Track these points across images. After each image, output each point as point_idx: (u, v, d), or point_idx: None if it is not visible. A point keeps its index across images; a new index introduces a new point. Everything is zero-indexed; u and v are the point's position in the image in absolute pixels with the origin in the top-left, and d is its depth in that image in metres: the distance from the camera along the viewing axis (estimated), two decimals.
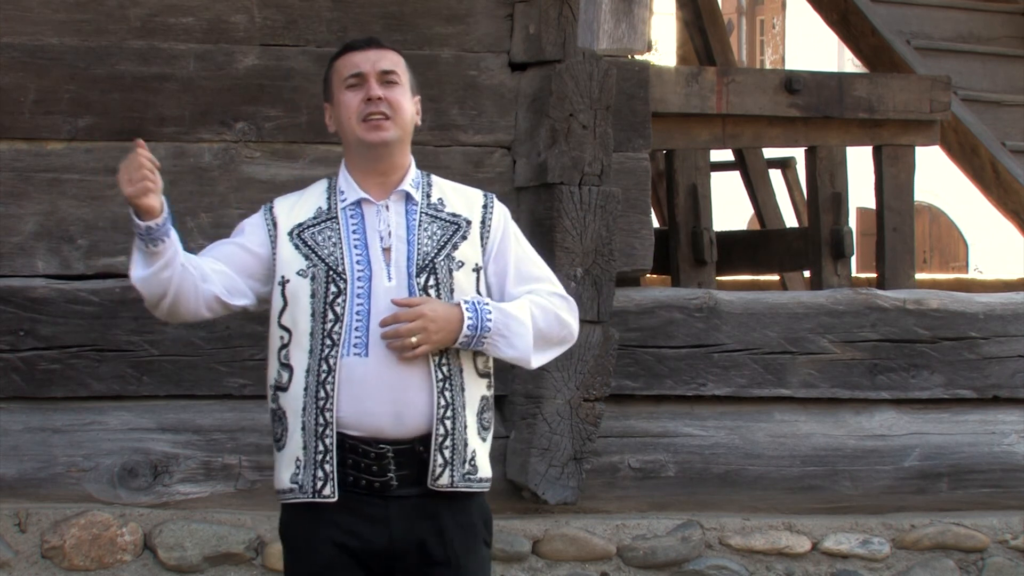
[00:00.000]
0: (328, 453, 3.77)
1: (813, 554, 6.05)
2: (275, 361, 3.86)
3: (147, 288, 3.80)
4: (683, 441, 6.03)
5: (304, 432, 3.79)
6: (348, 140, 3.89)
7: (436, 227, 3.87)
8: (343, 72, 3.89)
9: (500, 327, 3.82)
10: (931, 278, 10.17)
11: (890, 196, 6.68)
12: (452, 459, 3.80)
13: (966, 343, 6.29)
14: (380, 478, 3.78)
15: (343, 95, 3.88)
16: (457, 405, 3.81)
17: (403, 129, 3.88)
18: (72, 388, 5.49)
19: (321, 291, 3.80)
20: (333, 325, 3.78)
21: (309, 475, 3.78)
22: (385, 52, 3.92)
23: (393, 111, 3.86)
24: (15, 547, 5.43)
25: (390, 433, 3.77)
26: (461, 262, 3.86)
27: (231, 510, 5.58)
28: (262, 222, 3.91)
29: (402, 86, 3.90)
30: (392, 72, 3.89)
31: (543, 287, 3.95)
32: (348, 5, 5.64)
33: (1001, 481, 6.33)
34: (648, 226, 5.90)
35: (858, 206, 10.95)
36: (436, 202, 3.91)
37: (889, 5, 7.34)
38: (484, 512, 3.91)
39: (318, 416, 3.77)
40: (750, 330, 6.07)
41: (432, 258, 3.83)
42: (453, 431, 3.80)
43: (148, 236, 3.73)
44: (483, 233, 3.91)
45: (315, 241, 3.84)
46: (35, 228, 5.47)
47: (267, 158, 5.60)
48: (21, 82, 5.44)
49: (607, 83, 5.65)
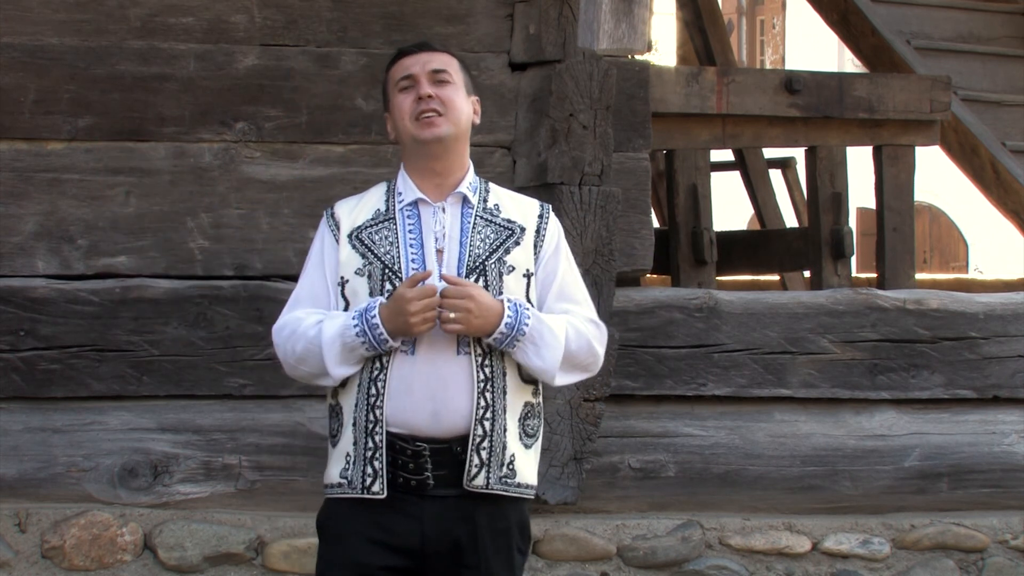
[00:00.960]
0: (378, 450, 3.78)
1: (813, 554, 6.05)
2: None
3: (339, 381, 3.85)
4: (683, 441, 6.03)
5: (355, 428, 3.81)
6: (404, 141, 3.91)
7: (490, 231, 3.89)
8: (395, 76, 3.92)
9: (535, 334, 3.84)
10: (931, 278, 10.18)
11: (890, 196, 6.68)
12: (489, 460, 3.80)
13: (966, 343, 6.29)
14: (417, 476, 3.79)
15: (396, 98, 3.90)
16: (498, 408, 3.82)
17: (457, 126, 3.88)
18: (72, 388, 5.49)
19: (377, 289, 3.83)
20: None
21: (359, 471, 3.80)
22: (436, 53, 3.93)
23: (445, 108, 3.86)
24: (15, 547, 5.43)
25: (426, 431, 3.79)
26: (512, 267, 3.88)
27: (231, 510, 5.58)
28: (326, 229, 3.94)
29: (455, 84, 3.90)
30: (443, 71, 3.90)
31: (581, 311, 3.98)
32: (348, 5, 5.64)
33: (1001, 481, 6.33)
34: (648, 226, 5.90)
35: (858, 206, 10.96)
36: (492, 207, 3.93)
37: (889, 5, 7.34)
38: (521, 519, 3.90)
39: (368, 413, 3.80)
40: (750, 330, 6.07)
41: (483, 260, 3.85)
42: (492, 433, 3.81)
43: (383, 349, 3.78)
44: (537, 241, 3.94)
45: (372, 241, 3.87)
46: (35, 228, 5.47)
47: (267, 158, 5.59)
48: (21, 82, 5.44)
49: (607, 83, 5.65)
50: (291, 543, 5.56)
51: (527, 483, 3.88)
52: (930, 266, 24.67)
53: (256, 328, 5.47)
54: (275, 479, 5.60)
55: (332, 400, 3.91)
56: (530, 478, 3.88)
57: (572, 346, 3.91)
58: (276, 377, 5.35)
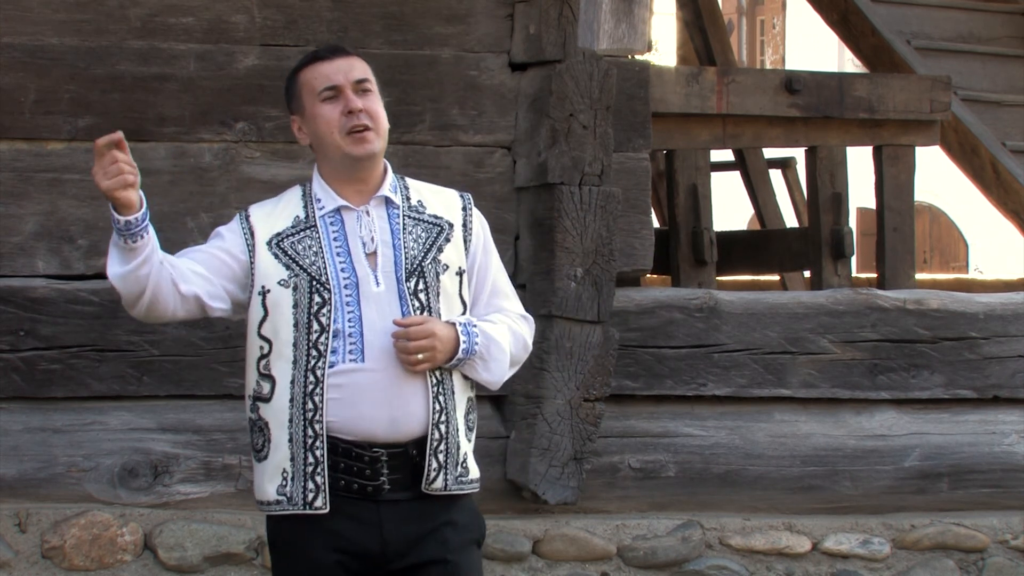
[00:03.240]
0: (319, 465, 3.75)
1: (813, 554, 6.05)
2: (254, 371, 3.84)
3: (125, 286, 3.74)
4: (683, 441, 6.03)
5: (292, 444, 3.77)
6: (329, 154, 3.85)
7: (420, 230, 3.86)
8: (315, 85, 3.84)
9: (483, 351, 3.84)
10: (931, 278, 10.18)
11: (890, 196, 6.68)
12: (446, 463, 3.80)
13: (966, 343, 6.29)
14: (373, 482, 3.77)
15: (319, 108, 3.83)
16: (449, 409, 3.82)
17: (384, 138, 3.86)
18: (72, 388, 5.49)
19: (304, 301, 3.77)
20: (319, 336, 3.76)
21: (299, 487, 3.76)
22: (354, 60, 3.88)
23: (373, 121, 3.83)
24: (15, 547, 5.43)
25: (383, 437, 3.76)
26: (446, 265, 3.85)
27: (231, 510, 5.58)
28: (239, 230, 3.87)
29: (375, 93, 3.87)
30: (365, 80, 3.85)
31: (511, 305, 3.99)
32: (348, 5, 5.64)
33: (1001, 481, 6.33)
34: (648, 226, 5.90)
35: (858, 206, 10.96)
36: (416, 204, 3.90)
37: (889, 5, 7.33)
38: (475, 513, 3.91)
39: (307, 428, 3.75)
40: (750, 330, 6.07)
41: (420, 261, 3.82)
42: (447, 435, 3.81)
43: (127, 231, 3.66)
44: (465, 236, 3.91)
45: (295, 250, 3.81)
46: (35, 228, 5.47)
47: (267, 158, 5.60)
48: (21, 82, 5.44)
49: (607, 83, 5.65)
50: None
51: (477, 477, 3.90)
52: (930, 266, 24.67)
53: None
54: None
55: (253, 415, 3.84)
56: (476, 471, 3.90)
57: (513, 350, 3.93)
58: None
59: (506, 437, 5.74)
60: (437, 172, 5.60)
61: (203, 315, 3.88)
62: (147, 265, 3.72)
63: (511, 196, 5.75)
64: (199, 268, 3.83)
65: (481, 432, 5.64)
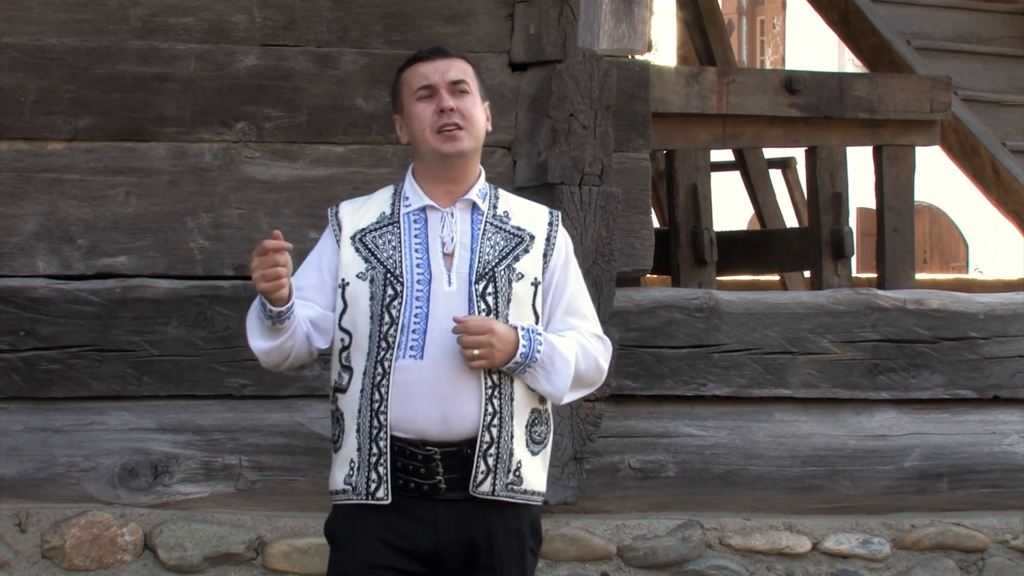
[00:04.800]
0: (382, 455, 3.78)
1: (813, 554, 6.05)
2: (337, 363, 3.89)
3: (269, 358, 3.87)
4: (683, 441, 6.03)
5: (359, 434, 3.80)
6: (422, 151, 3.89)
7: (500, 238, 3.89)
8: (412, 84, 3.89)
9: (546, 360, 3.85)
10: (931, 278, 10.18)
11: (890, 196, 6.68)
12: (496, 467, 3.80)
13: (966, 343, 6.29)
14: (428, 481, 3.78)
15: (415, 107, 3.88)
16: (504, 414, 3.82)
17: (476, 138, 3.89)
18: (72, 388, 5.49)
19: (379, 294, 3.82)
20: (389, 328, 3.80)
21: (363, 477, 3.79)
22: (453, 61, 3.91)
23: (466, 121, 3.86)
24: (15, 547, 5.43)
25: (435, 436, 3.78)
26: (521, 274, 3.87)
27: (231, 510, 5.58)
28: (330, 229, 3.93)
29: (472, 95, 3.89)
30: (462, 81, 3.88)
31: (587, 326, 3.99)
32: (348, 5, 5.64)
33: (1001, 481, 6.33)
34: (648, 226, 5.90)
35: (858, 206, 10.96)
36: (502, 214, 3.93)
37: (889, 5, 7.34)
38: (533, 521, 3.90)
39: (372, 419, 3.79)
40: (750, 330, 6.07)
41: (493, 267, 3.85)
42: (499, 440, 3.81)
43: (277, 319, 3.77)
44: (546, 250, 3.94)
45: (375, 245, 3.86)
46: (35, 228, 5.47)
47: (267, 158, 5.60)
48: (21, 82, 5.44)
49: (607, 83, 5.65)
50: (291, 543, 5.56)
51: (534, 490, 3.87)
52: (930, 266, 24.67)
53: None
54: (275, 479, 5.60)
55: (333, 405, 3.90)
56: (537, 485, 3.88)
57: (581, 367, 3.92)
58: (276, 377, 5.35)
59: None
60: None
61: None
62: (292, 339, 3.84)
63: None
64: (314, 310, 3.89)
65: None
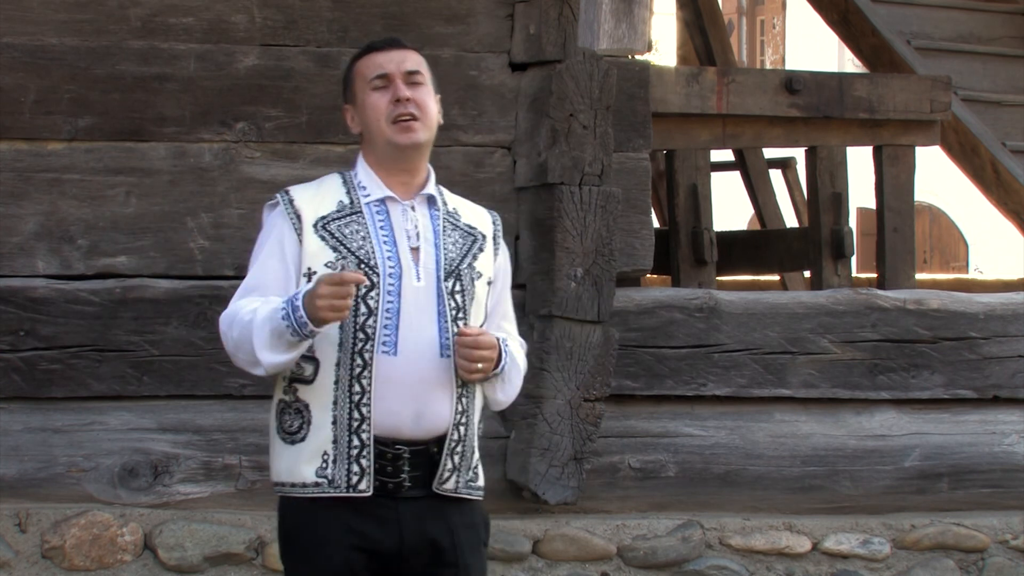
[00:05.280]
0: (365, 448, 3.75)
1: (813, 554, 6.05)
2: None
3: (276, 370, 3.79)
4: (683, 441, 6.03)
5: (335, 426, 3.77)
6: (376, 141, 3.87)
7: (458, 235, 3.89)
8: (367, 73, 3.88)
9: (506, 372, 3.88)
10: (931, 278, 10.18)
11: (890, 196, 6.68)
12: (460, 465, 3.81)
13: (966, 343, 6.29)
14: (394, 479, 3.77)
15: (369, 96, 3.86)
16: (470, 412, 3.84)
17: (431, 130, 3.88)
18: (72, 388, 5.49)
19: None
20: (367, 319, 3.76)
21: (342, 469, 3.75)
22: (408, 52, 3.90)
23: (421, 112, 3.85)
24: (15, 547, 5.43)
25: (407, 434, 3.77)
26: (480, 273, 3.88)
27: (231, 510, 5.58)
28: (284, 217, 3.85)
29: (426, 86, 3.89)
30: (417, 72, 3.88)
31: (514, 330, 4.02)
32: (348, 5, 5.64)
33: (1001, 481, 6.33)
34: (648, 226, 5.90)
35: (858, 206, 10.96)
36: (453, 211, 3.93)
37: (889, 5, 7.33)
38: (484, 516, 3.93)
39: (352, 411, 3.76)
40: (750, 330, 6.07)
41: (458, 264, 3.85)
42: (465, 438, 3.82)
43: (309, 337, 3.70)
44: (495, 250, 3.95)
45: (342, 233, 3.81)
46: (35, 228, 5.47)
47: (267, 158, 5.60)
48: (21, 82, 5.44)
49: (607, 83, 5.65)
50: None
51: (483, 486, 3.92)
52: (930, 266, 24.66)
53: None
54: None
55: (287, 396, 3.82)
56: (483, 480, 3.92)
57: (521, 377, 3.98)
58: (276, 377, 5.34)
59: (506, 437, 5.74)
60: (437, 172, 5.56)
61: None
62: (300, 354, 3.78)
63: (511, 196, 5.75)
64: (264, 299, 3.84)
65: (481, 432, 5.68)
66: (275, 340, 3.72)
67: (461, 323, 3.81)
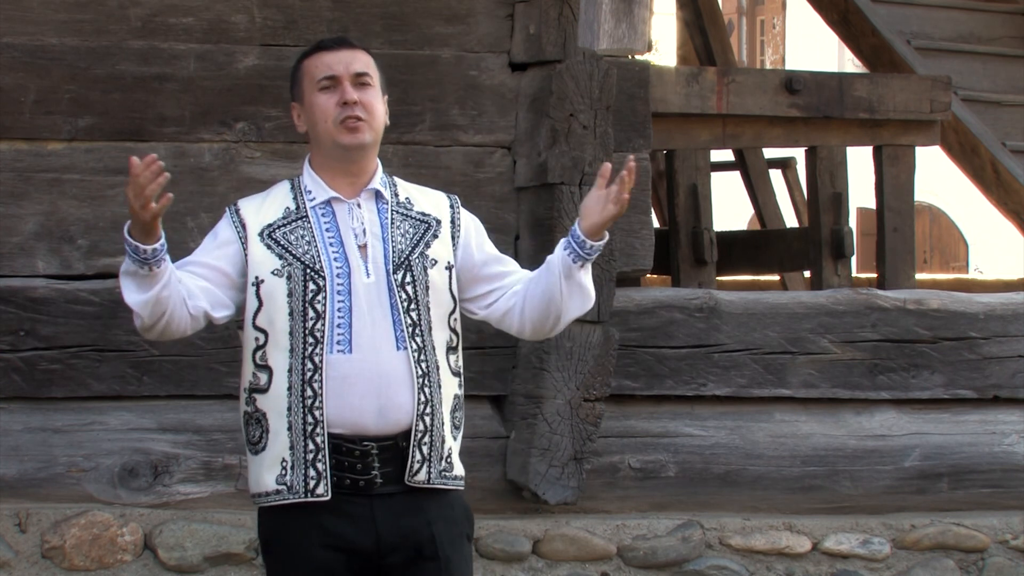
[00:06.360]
0: (320, 452, 3.75)
1: (813, 554, 6.05)
2: (250, 364, 3.84)
3: (146, 311, 3.77)
4: (683, 441, 6.03)
5: (291, 432, 3.77)
6: (322, 142, 3.88)
7: (408, 225, 3.89)
8: (315, 74, 3.88)
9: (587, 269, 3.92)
10: (931, 278, 10.18)
11: (890, 196, 6.68)
12: (430, 456, 3.80)
13: (966, 343, 6.29)
14: (364, 476, 3.77)
15: (316, 97, 3.87)
16: (435, 402, 3.82)
17: (377, 131, 3.88)
18: (72, 388, 5.49)
19: (299, 289, 3.79)
20: (315, 323, 3.77)
21: (299, 475, 3.76)
22: (357, 53, 3.90)
23: (368, 114, 3.85)
24: (15, 547, 5.43)
25: (373, 430, 3.77)
26: (435, 260, 3.88)
27: (231, 510, 5.58)
28: (230, 225, 3.90)
29: (374, 88, 3.89)
30: (365, 74, 3.88)
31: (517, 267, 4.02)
32: (348, 5, 5.64)
33: (1001, 481, 6.33)
34: (648, 226, 5.90)
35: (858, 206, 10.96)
36: (404, 201, 3.93)
37: (889, 5, 7.33)
38: (465, 507, 3.92)
39: (306, 415, 3.76)
40: (750, 330, 6.07)
41: (407, 255, 3.85)
42: (431, 428, 3.81)
43: (152, 258, 3.72)
44: (454, 233, 3.94)
45: (288, 240, 3.83)
46: (35, 228, 5.47)
47: (267, 158, 5.60)
48: (21, 82, 5.44)
49: (607, 83, 5.65)
50: None
51: (462, 475, 3.90)
52: (930, 266, 24.66)
53: None
54: None
55: (249, 407, 3.84)
56: (461, 470, 3.91)
57: None
58: None
59: (506, 437, 5.75)
60: (437, 172, 5.61)
61: (209, 324, 3.90)
62: (167, 288, 3.76)
63: (511, 196, 5.75)
64: (201, 281, 3.86)
65: (481, 432, 5.68)
66: (128, 281, 3.76)
67: (414, 314, 3.81)
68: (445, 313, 3.88)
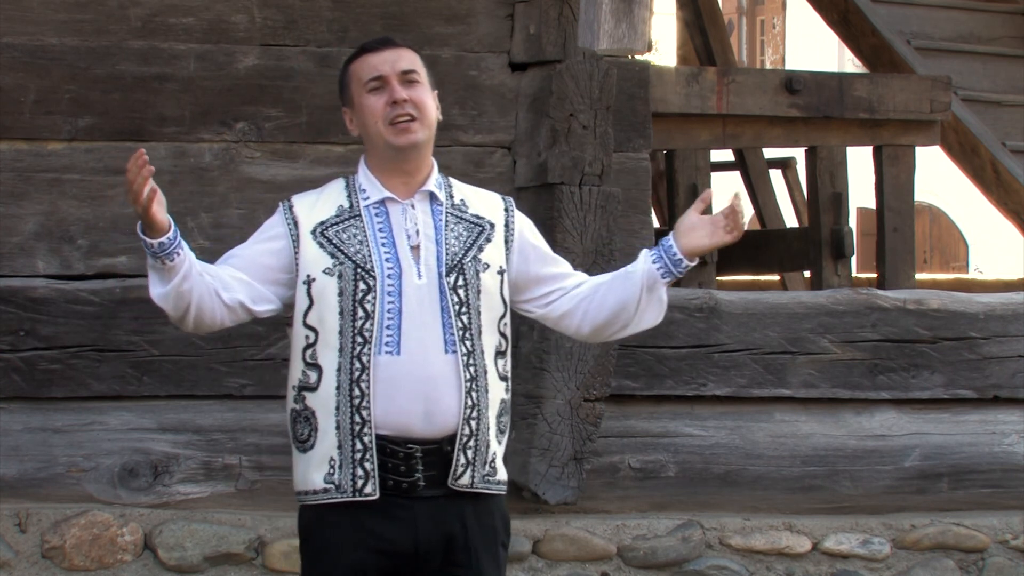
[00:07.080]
0: (368, 451, 3.75)
1: (813, 554, 6.05)
2: (299, 362, 3.83)
3: (169, 304, 3.77)
4: (683, 441, 6.03)
5: (339, 431, 3.77)
6: (375, 143, 3.86)
7: (462, 228, 3.88)
8: (362, 76, 3.86)
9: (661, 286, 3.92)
10: (931, 278, 10.18)
11: (890, 196, 6.69)
12: (474, 460, 3.80)
13: (966, 343, 6.29)
14: (408, 478, 3.77)
15: (365, 99, 3.85)
16: (481, 406, 3.82)
17: (429, 128, 3.87)
18: (72, 388, 5.49)
19: (349, 289, 3.78)
20: (364, 323, 3.76)
21: (347, 474, 3.75)
22: (402, 51, 3.89)
23: (419, 111, 3.84)
24: (15, 547, 5.43)
25: (418, 432, 3.76)
26: (487, 264, 3.86)
27: (231, 510, 5.58)
28: (282, 221, 3.88)
29: (423, 84, 3.87)
30: (412, 71, 3.86)
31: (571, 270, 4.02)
32: (348, 5, 5.64)
33: (1001, 481, 6.33)
34: (648, 226, 5.90)
35: (858, 206, 10.97)
36: (459, 203, 3.91)
37: (889, 5, 7.34)
38: (504, 514, 3.92)
39: (354, 415, 3.76)
40: (750, 330, 6.07)
41: (460, 258, 3.84)
42: (477, 432, 3.81)
43: (162, 252, 3.71)
44: (507, 236, 3.93)
45: (340, 239, 3.82)
46: (35, 228, 5.47)
47: (267, 158, 5.60)
48: (21, 82, 5.44)
49: (607, 83, 5.65)
50: (291, 543, 5.56)
51: (504, 479, 3.90)
52: (930, 266, 24.66)
53: (256, 328, 5.46)
54: (275, 479, 5.60)
55: (298, 405, 3.83)
56: (504, 474, 3.91)
57: None
58: (276, 377, 5.35)
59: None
60: None
61: (252, 318, 3.90)
62: (187, 281, 3.75)
63: (511, 196, 5.74)
64: (239, 274, 3.85)
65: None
66: (152, 275, 3.76)
67: (465, 317, 3.81)
68: (495, 317, 3.87)
